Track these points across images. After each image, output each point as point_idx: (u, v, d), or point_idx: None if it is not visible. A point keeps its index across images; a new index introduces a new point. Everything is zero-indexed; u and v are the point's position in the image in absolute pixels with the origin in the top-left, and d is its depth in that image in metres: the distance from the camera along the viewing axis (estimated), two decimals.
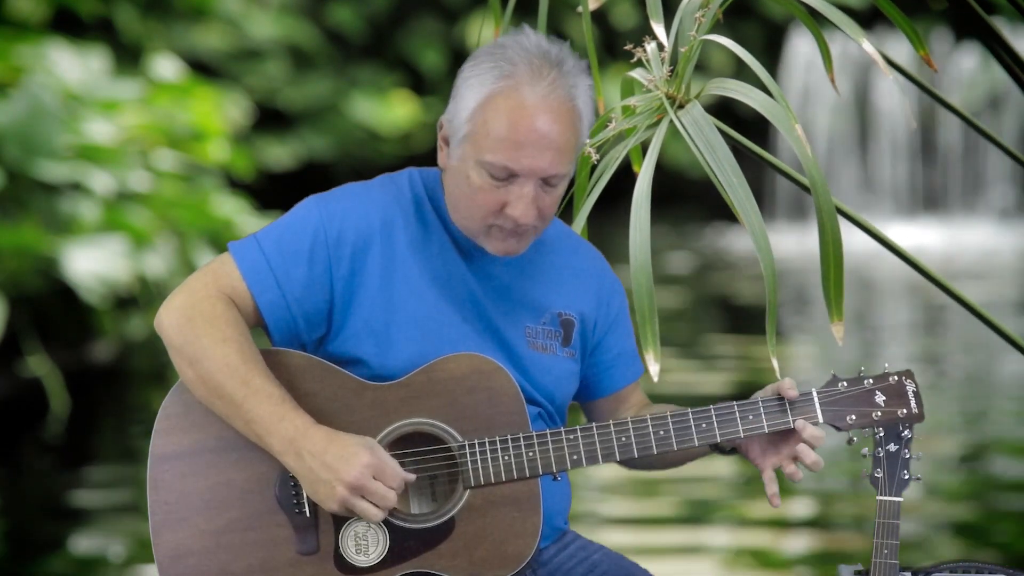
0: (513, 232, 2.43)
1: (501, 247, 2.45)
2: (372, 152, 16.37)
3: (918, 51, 2.59)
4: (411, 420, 2.42)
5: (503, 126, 2.38)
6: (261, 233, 2.47)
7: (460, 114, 2.42)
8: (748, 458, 2.51)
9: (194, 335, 2.39)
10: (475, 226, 2.45)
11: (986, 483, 6.17)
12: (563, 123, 2.39)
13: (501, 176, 2.39)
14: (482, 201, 2.41)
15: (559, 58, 2.41)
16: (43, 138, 7.85)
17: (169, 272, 8.36)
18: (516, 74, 2.39)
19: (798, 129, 2.27)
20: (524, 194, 2.39)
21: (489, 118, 2.39)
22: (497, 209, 2.41)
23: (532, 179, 2.39)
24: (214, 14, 14.51)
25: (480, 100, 2.40)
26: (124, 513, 5.88)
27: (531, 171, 2.39)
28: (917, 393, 2.49)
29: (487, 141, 2.39)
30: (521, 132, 2.37)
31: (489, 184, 2.40)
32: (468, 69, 2.44)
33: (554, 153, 2.39)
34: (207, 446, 2.41)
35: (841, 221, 2.36)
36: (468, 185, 2.42)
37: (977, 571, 2.60)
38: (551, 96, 2.39)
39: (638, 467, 2.64)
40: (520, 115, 2.38)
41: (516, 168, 2.38)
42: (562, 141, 2.39)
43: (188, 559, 2.39)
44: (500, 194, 2.41)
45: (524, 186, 2.39)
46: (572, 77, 2.41)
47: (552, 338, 2.54)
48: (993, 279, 12.44)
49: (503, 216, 2.42)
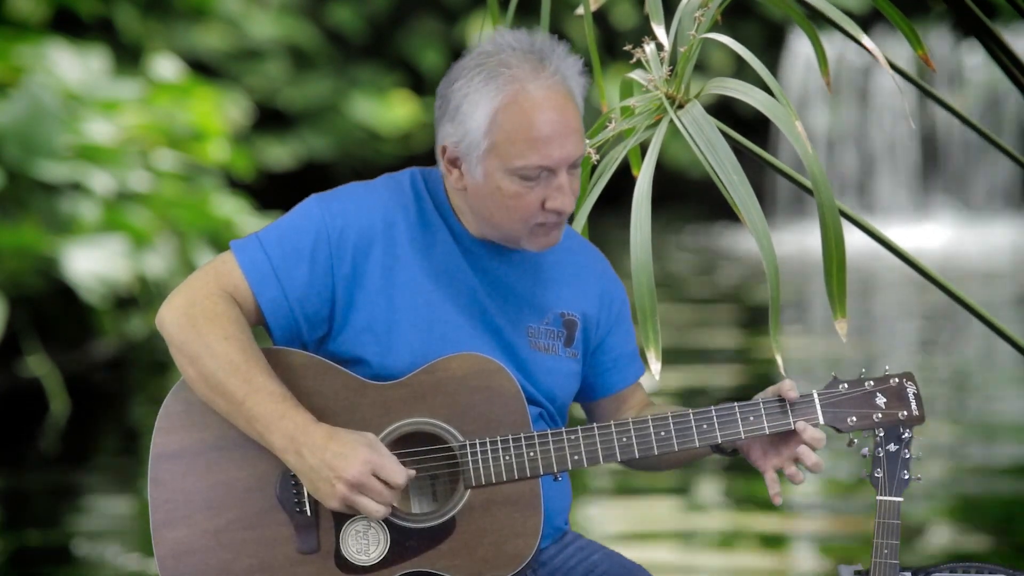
0: (556, 224, 2.45)
1: (545, 241, 2.47)
2: (372, 152, 16.36)
3: (916, 51, 2.60)
4: (412, 420, 2.42)
5: (525, 128, 2.39)
6: (263, 232, 2.48)
7: (472, 132, 2.41)
8: (749, 459, 2.51)
9: (195, 333, 2.39)
10: (519, 232, 2.45)
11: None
12: (570, 106, 2.42)
13: (535, 176, 2.41)
14: (522, 206, 2.42)
15: (544, 47, 2.43)
16: (43, 138, 7.85)
17: (169, 272, 8.36)
18: (518, 76, 2.40)
19: (799, 127, 2.27)
20: (562, 184, 2.42)
21: (508, 126, 2.39)
22: (538, 208, 2.43)
23: (564, 167, 2.41)
24: (214, 14, 14.51)
25: (492, 112, 2.39)
26: (124, 512, 5.87)
27: (563, 160, 2.41)
28: (918, 395, 2.49)
29: (513, 148, 2.39)
30: (544, 128, 2.39)
31: (524, 188, 2.41)
32: (462, 86, 2.41)
33: (575, 136, 2.42)
34: (208, 444, 2.41)
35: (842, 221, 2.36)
36: (502, 195, 2.42)
37: (977, 571, 2.60)
38: (554, 85, 2.41)
39: (639, 467, 2.64)
40: (537, 112, 2.39)
41: (550, 163, 2.40)
42: (576, 123, 2.43)
43: (189, 557, 2.39)
44: (537, 193, 2.42)
45: (559, 177, 2.41)
46: (559, 61, 2.43)
47: (554, 338, 2.54)
48: (993, 279, 12.44)
49: (544, 213, 2.43)
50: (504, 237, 2.48)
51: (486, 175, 2.42)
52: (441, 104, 2.45)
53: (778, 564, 5.15)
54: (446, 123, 2.43)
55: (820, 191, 2.26)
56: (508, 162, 2.40)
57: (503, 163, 2.40)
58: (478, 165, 2.42)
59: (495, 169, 2.41)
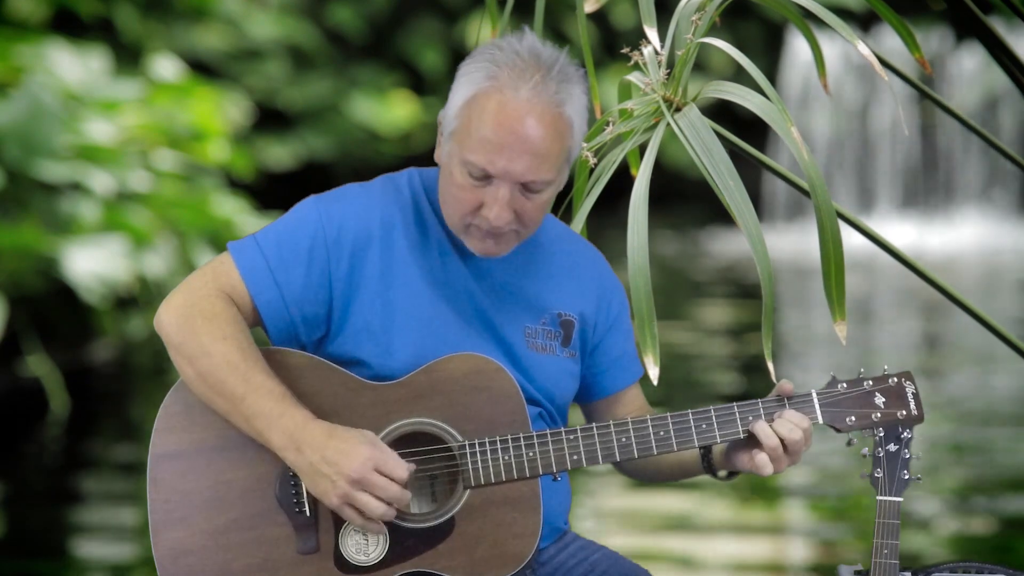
0: (490, 233, 2.42)
1: (480, 247, 2.45)
2: (372, 152, 16.36)
3: (913, 53, 2.60)
4: (411, 420, 2.43)
5: (483, 126, 2.37)
6: (260, 233, 2.48)
7: (450, 110, 2.43)
8: (743, 471, 2.50)
9: (193, 333, 2.39)
10: (455, 223, 2.45)
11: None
12: (546, 128, 2.37)
13: (478, 176, 2.39)
14: (461, 199, 2.42)
15: (549, 62, 2.39)
16: (43, 138, 7.85)
17: (169, 272, 8.36)
18: (500, 76, 2.38)
19: (794, 132, 2.28)
20: (499, 197, 2.38)
21: (472, 117, 2.39)
22: (474, 208, 2.41)
23: (507, 182, 2.38)
24: (214, 14, 14.50)
25: (467, 98, 2.40)
26: (124, 512, 5.88)
27: (505, 174, 2.38)
28: (916, 394, 2.49)
29: (469, 140, 2.39)
30: (499, 134, 2.36)
31: (469, 183, 2.40)
32: (465, 65, 2.44)
33: (532, 158, 2.37)
34: (207, 445, 2.42)
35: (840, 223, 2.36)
36: (451, 182, 2.42)
37: (977, 571, 2.60)
38: (535, 100, 2.37)
39: (634, 475, 2.65)
40: (500, 117, 2.36)
41: (491, 170, 2.38)
42: (543, 147, 2.37)
43: (188, 558, 2.40)
44: (478, 194, 2.40)
45: (499, 188, 2.38)
46: (562, 83, 2.39)
47: (552, 338, 2.55)
48: (992, 280, 12.44)
49: (479, 216, 2.42)
50: (449, 224, 2.47)
51: (448, 155, 2.43)
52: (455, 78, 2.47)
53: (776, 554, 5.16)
54: (449, 95, 2.45)
55: (818, 195, 2.27)
56: (462, 152, 2.40)
57: (459, 150, 2.40)
58: (446, 143, 2.44)
59: (454, 153, 2.42)
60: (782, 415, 2.44)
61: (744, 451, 2.47)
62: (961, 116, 2.97)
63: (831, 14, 2.36)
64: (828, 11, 2.37)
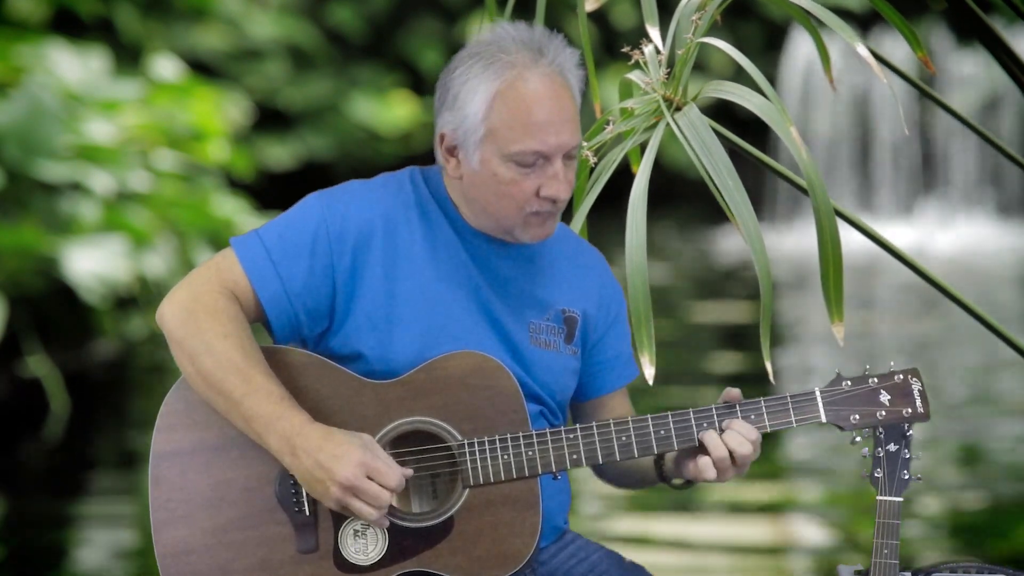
0: (551, 213, 2.47)
1: (539, 232, 2.48)
2: (372, 152, 16.36)
3: (916, 53, 2.60)
4: (411, 418, 2.43)
5: (522, 114, 2.41)
6: (263, 228, 2.48)
7: (470, 118, 2.43)
8: (698, 480, 2.49)
9: (196, 329, 2.39)
10: (513, 219, 2.46)
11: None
12: (567, 96, 2.45)
13: (531, 162, 2.42)
14: (517, 192, 2.43)
15: (542, 38, 2.46)
16: (43, 138, 7.85)
17: (169, 272, 8.36)
18: (517, 63, 2.42)
19: (793, 132, 2.28)
20: (557, 171, 2.43)
21: (505, 111, 2.41)
22: (533, 195, 2.44)
23: (559, 155, 2.43)
24: (214, 14, 14.50)
25: (490, 97, 2.42)
26: (124, 512, 5.88)
27: (559, 147, 2.42)
28: (923, 392, 2.46)
29: (510, 133, 2.41)
30: (541, 114, 2.41)
31: (520, 174, 2.43)
32: (461, 74, 2.44)
33: (571, 125, 2.44)
34: (208, 444, 2.42)
35: (840, 223, 2.36)
36: (498, 182, 2.43)
37: (977, 571, 2.60)
38: (551, 74, 2.44)
39: (614, 481, 2.65)
40: (534, 98, 2.41)
41: (545, 149, 2.42)
42: (572, 113, 2.45)
43: (189, 556, 2.40)
44: (532, 180, 2.43)
45: (555, 164, 2.43)
46: (557, 52, 2.46)
47: (555, 334, 2.55)
48: (992, 280, 12.44)
49: (539, 200, 2.44)
50: (499, 227, 2.48)
51: (483, 161, 2.43)
52: (440, 93, 2.47)
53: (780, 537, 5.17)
54: (445, 112, 2.46)
55: (816, 195, 2.26)
56: (505, 148, 2.41)
57: (500, 148, 2.42)
58: (475, 151, 2.44)
59: (492, 155, 2.42)
60: (731, 425, 2.43)
61: (690, 459, 2.47)
62: (961, 116, 2.96)
63: (831, 14, 2.36)
64: (828, 12, 2.37)
